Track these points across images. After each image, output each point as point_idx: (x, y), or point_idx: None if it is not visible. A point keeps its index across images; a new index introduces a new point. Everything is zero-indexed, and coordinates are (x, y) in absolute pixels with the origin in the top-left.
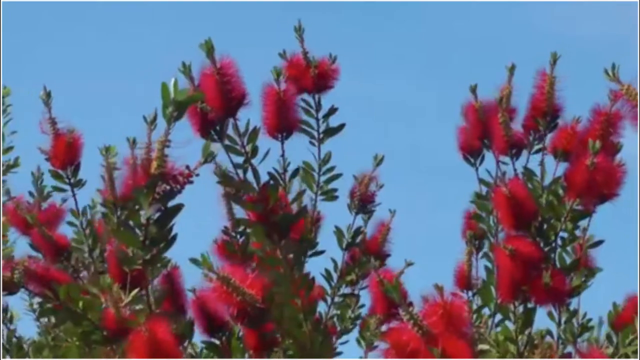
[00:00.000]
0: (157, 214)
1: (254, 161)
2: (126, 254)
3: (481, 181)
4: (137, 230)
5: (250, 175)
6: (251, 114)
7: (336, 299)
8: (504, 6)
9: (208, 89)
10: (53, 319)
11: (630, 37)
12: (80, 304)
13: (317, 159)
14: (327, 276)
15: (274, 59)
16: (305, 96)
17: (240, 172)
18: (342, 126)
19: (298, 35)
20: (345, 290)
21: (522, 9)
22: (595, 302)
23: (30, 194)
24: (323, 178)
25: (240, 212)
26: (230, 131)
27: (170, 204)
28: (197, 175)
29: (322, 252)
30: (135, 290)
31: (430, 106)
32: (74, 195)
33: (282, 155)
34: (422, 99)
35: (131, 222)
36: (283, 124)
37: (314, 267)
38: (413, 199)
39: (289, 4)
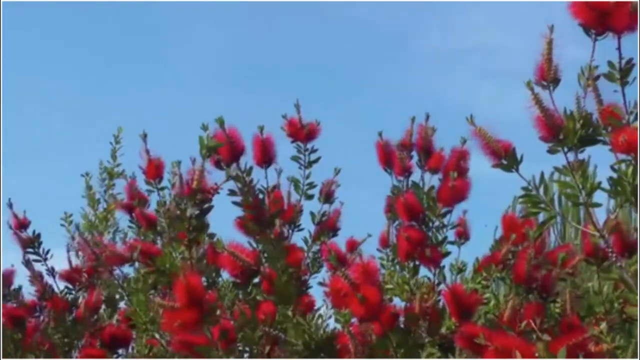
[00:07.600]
0: (197, 212)
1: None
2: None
3: (393, 185)
4: (185, 222)
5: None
6: None
7: (310, 255)
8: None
9: (221, 147)
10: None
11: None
12: (167, 266)
13: (303, 176)
14: (305, 241)
15: None
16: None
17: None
18: (318, 158)
19: (296, 109)
20: (316, 248)
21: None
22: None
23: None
24: (306, 187)
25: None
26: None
27: (205, 206)
28: (222, 188)
29: (302, 228)
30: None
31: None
32: (159, 194)
33: (266, 177)
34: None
35: (181, 216)
36: (265, 159)
37: (299, 236)
38: (360, 194)
39: None
